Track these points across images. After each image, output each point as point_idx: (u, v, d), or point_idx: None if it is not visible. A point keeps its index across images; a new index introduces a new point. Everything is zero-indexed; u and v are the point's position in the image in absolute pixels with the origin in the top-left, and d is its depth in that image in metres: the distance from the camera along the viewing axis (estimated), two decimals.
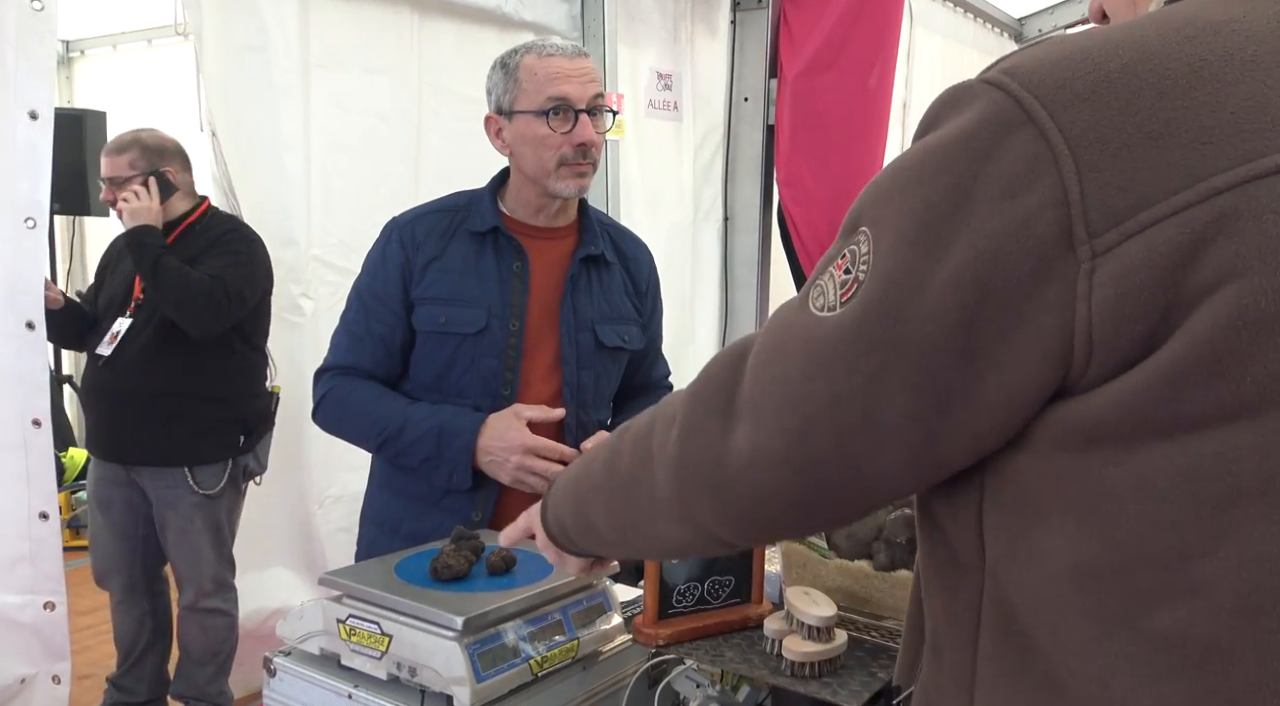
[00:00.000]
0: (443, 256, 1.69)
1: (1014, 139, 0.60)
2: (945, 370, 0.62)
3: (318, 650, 1.26)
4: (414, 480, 1.69)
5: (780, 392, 0.68)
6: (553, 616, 1.25)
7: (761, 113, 3.92)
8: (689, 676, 1.39)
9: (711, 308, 4.06)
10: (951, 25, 5.37)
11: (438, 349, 1.68)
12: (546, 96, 1.62)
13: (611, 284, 1.79)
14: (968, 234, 0.60)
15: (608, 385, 1.80)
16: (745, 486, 0.71)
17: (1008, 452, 0.64)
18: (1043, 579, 0.63)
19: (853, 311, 0.65)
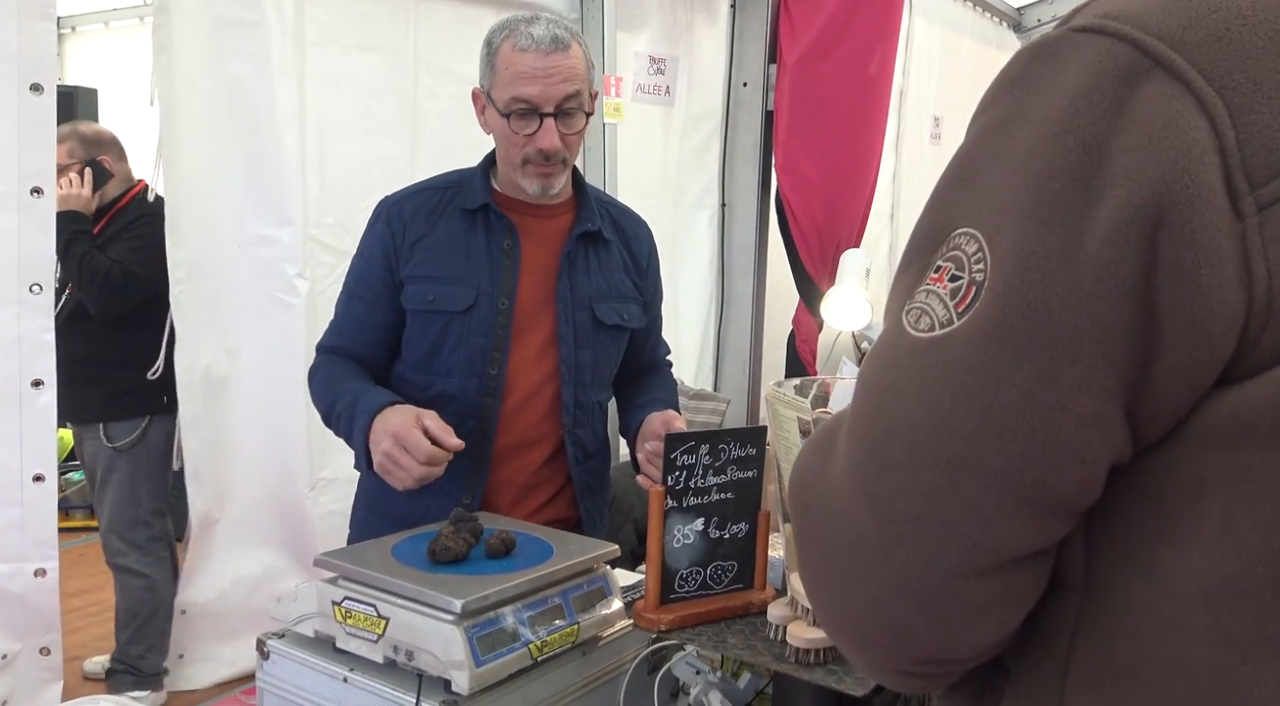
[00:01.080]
0: (431, 234, 1.65)
1: (1146, 86, 0.53)
2: (1116, 357, 0.53)
3: (312, 632, 1.24)
4: None
5: (902, 446, 0.56)
6: (552, 600, 1.23)
7: (760, 99, 3.89)
8: (689, 662, 1.37)
9: (699, 294, 4.02)
10: (950, 14, 5.33)
11: (426, 327, 1.64)
12: (511, 96, 1.56)
13: (610, 261, 1.74)
14: (1116, 193, 0.52)
15: (607, 365, 1.75)
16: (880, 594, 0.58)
17: (1138, 454, 0.57)
18: (1163, 598, 0.56)
19: (981, 317, 0.55)
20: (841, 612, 0.62)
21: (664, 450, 1.22)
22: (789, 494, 0.67)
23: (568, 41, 1.57)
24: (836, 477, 0.60)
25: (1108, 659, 0.59)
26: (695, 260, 3.96)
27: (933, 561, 0.56)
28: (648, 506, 2.64)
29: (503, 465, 1.65)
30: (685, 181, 3.88)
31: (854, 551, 0.59)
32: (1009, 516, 0.55)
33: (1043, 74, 0.57)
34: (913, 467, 0.56)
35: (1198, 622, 0.55)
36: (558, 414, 1.67)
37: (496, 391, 1.63)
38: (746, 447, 1.27)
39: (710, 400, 3.49)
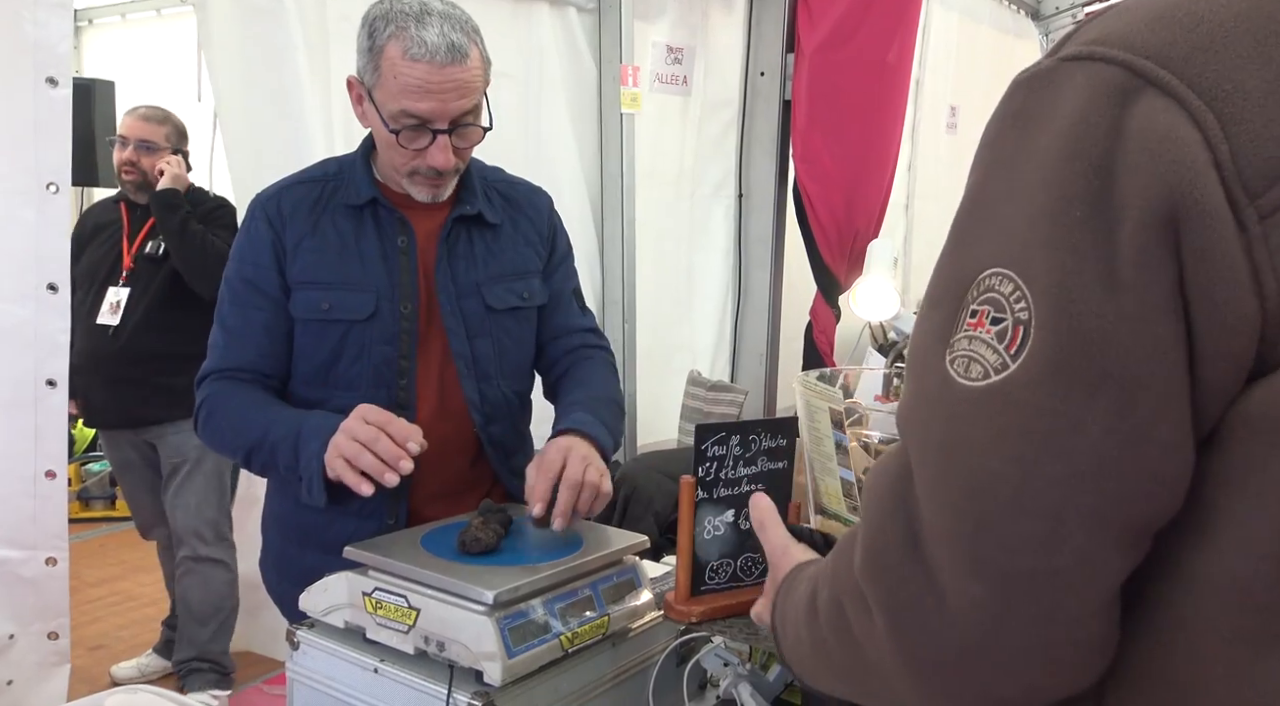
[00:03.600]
0: (315, 233, 1.51)
1: (1139, 103, 0.54)
2: (1179, 376, 0.53)
3: (342, 623, 1.24)
4: None
5: (993, 502, 0.55)
6: (583, 592, 1.23)
7: (778, 88, 3.87)
8: (718, 654, 1.36)
9: (714, 283, 4.02)
10: (968, 2, 5.30)
11: (320, 338, 1.50)
12: (400, 109, 1.40)
13: (498, 242, 1.60)
14: (1132, 214, 0.53)
15: (515, 351, 1.61)
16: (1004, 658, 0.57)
17: None
18: (1182, 595, 0.57)
19: (1038, 355, 0.54)
20: (958, 685, 0.61)
21: (694, 441, 1.21)
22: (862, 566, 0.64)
23: (465, 48, 1.40)
24: (926, 547, 0.58)
25: (1140, 661, 0.59)
26: (712, 250, 3.95)
27: (1056, 612, 0.56)
28: (670, 499, 2.63)
29: (427, 478, 1.48)
30: (702, 172, 3.87)
31: (968, 620, 0.57)
32: (1113, 551, 0.55)
33: (1040, 105, 0.58)
34: (1012, 523, 0.55)
35: (1214, 620, 0.55)
36: (468, 414, 1.56)
37: (409, 402, 1.51)
38: (777, 438, 1.26)
39: (728, 391, 3.48)
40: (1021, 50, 5.97)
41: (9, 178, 2.14)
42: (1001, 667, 0.58)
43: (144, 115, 2.95)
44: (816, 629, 0.72)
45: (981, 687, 0.60)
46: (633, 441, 3.59)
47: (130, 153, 2.89)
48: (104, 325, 2.83)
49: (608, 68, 3.48)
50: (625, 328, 3.50)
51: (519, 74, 3.12)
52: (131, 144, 2.89)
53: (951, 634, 0.58)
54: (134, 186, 2.93)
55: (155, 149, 2.88)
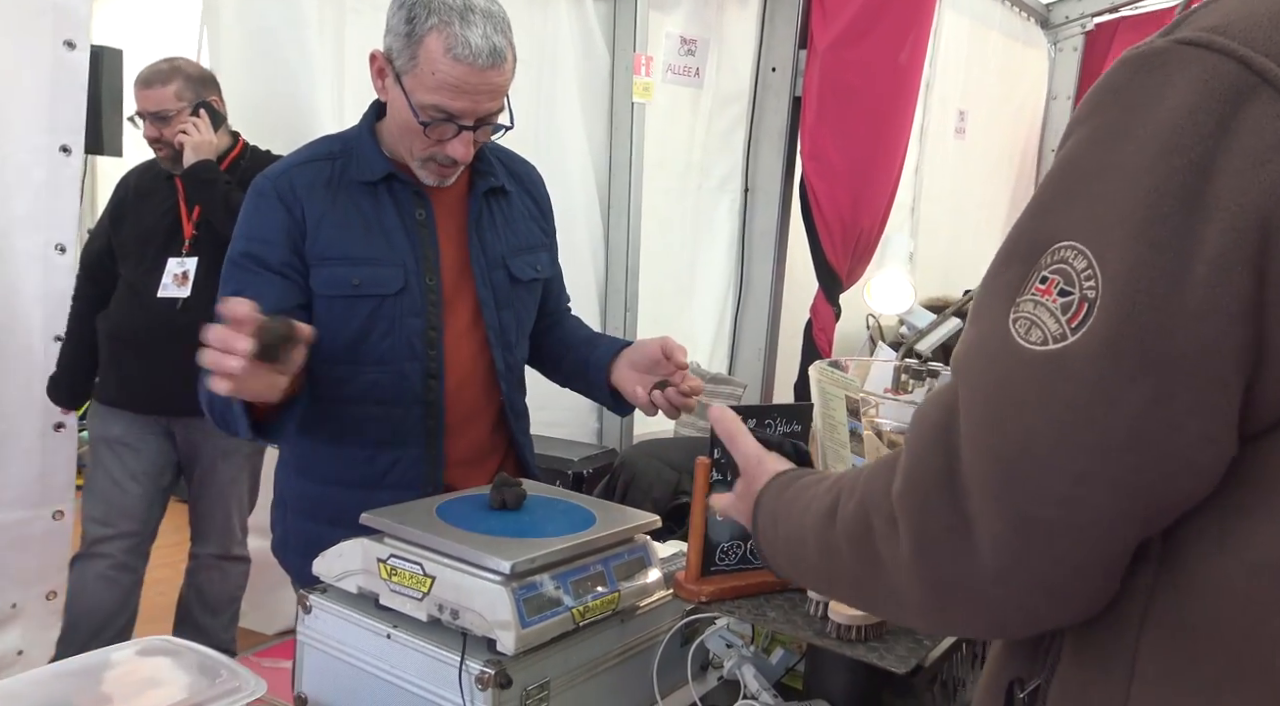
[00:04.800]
0: (334, 211, 1.51)
1: (1253, 105, 0.55)
2: (1224, 377, 0.56)
3: (355, 589, 1.25)
4: (346, 461, 1.57)
5: (1029, 458, 0.59)
6: (595, 567, 1.24)
7: (789, 84, 3.89)
8: (722, 636, 1.38)
9: (716, 276, 4.03)
10: (980, 8, 5.32)
11: (349, 314, 1.51)
12: (432, 103, 1.42)
13: (513, 213, 1.65)
14: (1222, 216, 0.54)
15: (528, 321, 1.69)
16: (1015, 589, 0.62)
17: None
18: (1239, 569, 0.60)
19: (1097, 334, 0.57)
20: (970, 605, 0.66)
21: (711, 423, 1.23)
22: (901, 492, 0.68)
23: (504, 52, 1.43)
24: (961, 481, 0.63)
25: (1183, 626, 0.62)
26: (715, 244, 3.96)
27: (1065, 561, 0.60)
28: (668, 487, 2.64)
29: (453, 445, 1.59)
30: (710, 165, 3.88)
31: (981, 553, 0.62)
32: (1127, 520, 0.59)
33: (1148, 87, 0.58)
34: (1042, 478, 0.59)
35: (1266, 593, 0.59)
36: (494, 381, 1.62)
37: (439, 372, 1.56)
38: (793, 423, 1.27)
39: (727, 384, 3.50)
40: (1030, 58, 5.99)
41: (25, 137, 2.14)
42: (1009, 597, 0.63)
43: (146, 79, 2.56)
44: (830, 534, 0.76)
45: (987, 611, 0.65)
46: (630, 430, 3.61)
47: (149, 128, 2.55)
48: (169, 298, 2.51)
49: (621, 56, 3.49)
50: (627, 316, 3.51)
51: (533, 60, 3.12)
52: (147, 118, 2.56)
53: (971, 562, 0.63)
54: (171, 161, 2.58)
55: (168, 116, 2.53)
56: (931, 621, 0.71)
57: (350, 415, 1.57)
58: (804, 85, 3.79)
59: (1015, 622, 0.66)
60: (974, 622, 0.68)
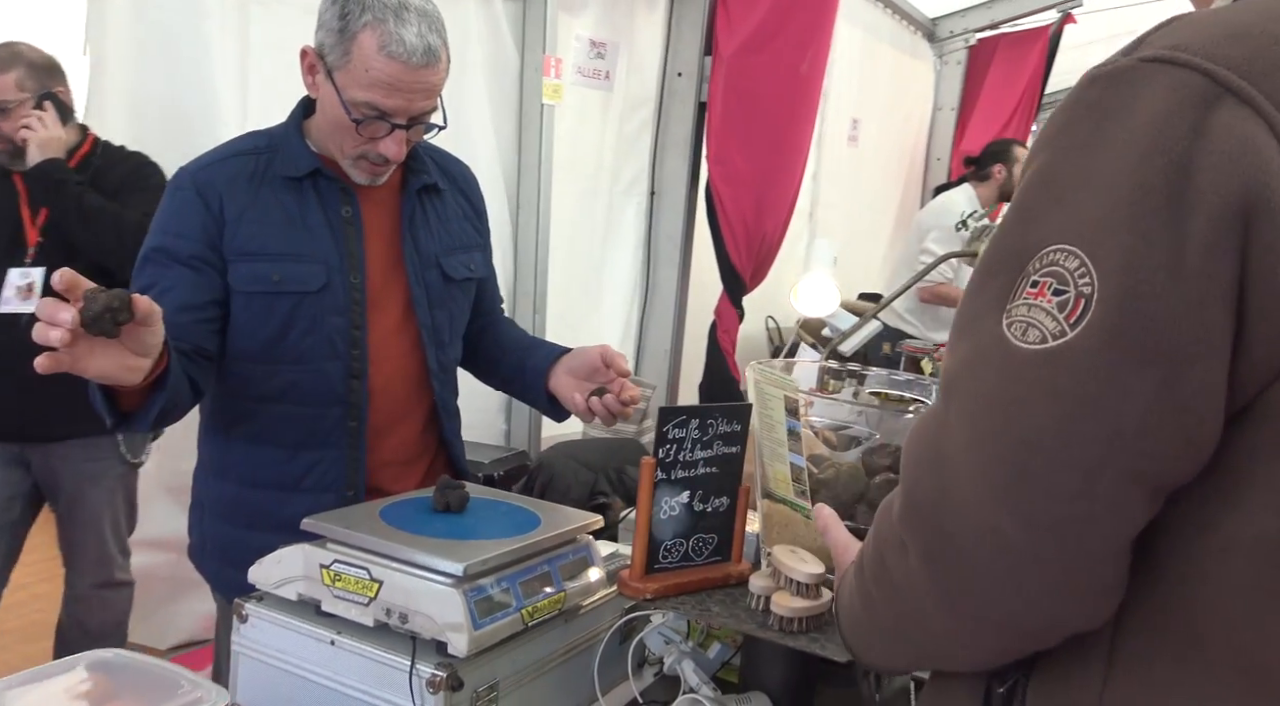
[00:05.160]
0: (256, 206, 1.48)
1: (1220, 111, 0.59)
2: (1222, 357, 0.59)
3: (295, 596, 1.22)
4: (263, 463, 1.53)
5: (1038, 456, 0.61)
6: (541, 568, 1.25)
7: (694, 89, 3.94)
8: (660, 633, 1.41)
9: (623, 279, 4.07)
10: (871, 19, 5.51)
11: (268, 311, 1.47)
12: (365, 100, 1.41)
13: (447, 212, 1.64)
14: (1205, 207, 0.58)
15: (461, 321, 1.68)
16: (1031, 592, 0.64)
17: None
18: (1207, 553, 0.63)
19: (1099, 326, 0.60)
20: (989, 613, 0.68)
21: (657, 423, 1.25)
22: (902, 514, 0.71)
23: (438, 51, 1.43)
24: (962, 491, 0.65)
25: (1156, 611, 0.66)
26: (623, 246, 4.00)
27: (1078, 554, 0.63)
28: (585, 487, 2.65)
29: (379, 446, 1.56)
30: (619, 168, 3.91)
31: (1001, 559, 0.64)
32: (1136, 504, 0.62)
33: (1119, 100, 0.63)
34: (1052, 474, 0.61)
35: (1239, 572, 0.62)
36: (425, 381, 1.61)
37: (362, 372, 1.52)
38: (732, 423, 1.31)
39: (638, 385, 3.52)
40: (918, 69, 6.22)
41: None
42: (1028, 600, 0.65)
43: None
44: (863, 585, 0.78)
45: (1010, 618, 0.67)
46: (538, 431, 3.60)
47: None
48: (10, 314, 2.25)
49: (530, 57, 3.48)
50: (535, 318, 3.51)
51: None
52: None
53: (984, 569, 0.65)
54: (9, 157, 2.32)
55: (7, 108, 2.25)
56: (958, 643, 0.72)
57: (268, 415, 1.53)
58: (709, 91, 3.86)
59: (1034, 632, 0.68)
60: (994, 638, 0.69)
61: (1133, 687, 0.67)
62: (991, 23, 6.25)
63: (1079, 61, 7.13)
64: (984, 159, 4.54)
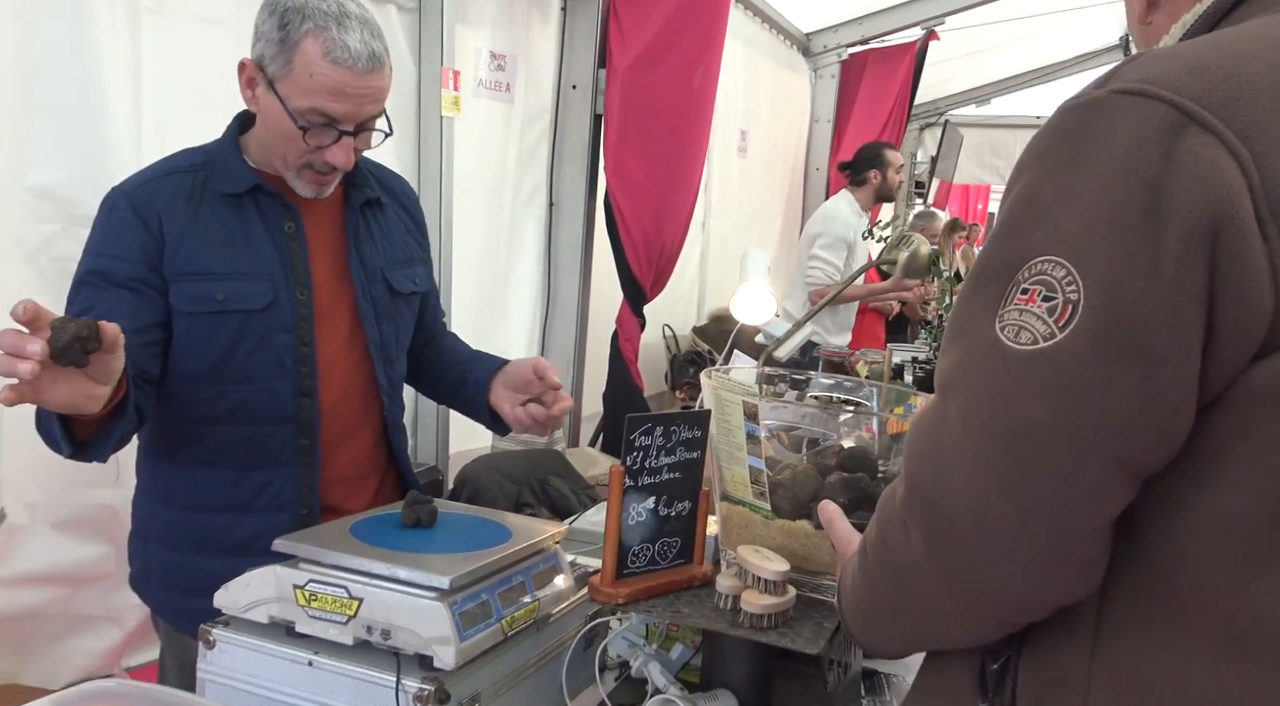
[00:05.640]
0: (198, 224, 1.46)
1: (1187, 138, 0.67)
2: (1193, 354, 0.67)
3: (266, 618, 1.20)
4: (213, 486, 1.50)
5: (1031, 445, 0.68)
6: (516, 578, 1.27)
7: (590, 102, 3.99)
8: (625, 637, 1.44)
9: (528, 290, 4.07)
10: (751, 34, 5.66)
11: (214, 331, 1.45)
12: (311, 107, 1.41)
13: (390, 226, 1.65)
14: (1176, 223, 0.66)
15: (407, 335, 1.68)
16: (1022, 568, 0.71)
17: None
18: (1185, 530, 0.71)
19: (1085, 328, 0.67)
20: (986, 586, 0.75)
21: (624, 431, 1.28)
22: (905, 499, 0.77)
23: (382, 57, 1.44)
24: (961, 477, 0.72)
25: (1139, 584, 0.74)
26: (527, 257, 4.00)
27: (1065, 532, 0.70)
28: (510, 500, 2.65)
29: (331, 463, 1.56)
30: (522, 179, 3.92)
31: (995, 537, 0.71)
32: (1118, 487, 0.70)
33: (1095, 127, 0.71)
34: (1044, 461, 0.68)
35: (1218, 547, 0.70)
36: (375, 396, 1.61)
37: (312, 389, 1.51)
38: (694, 429, 1.35)
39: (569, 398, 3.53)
40: (795, 82, 6.42)
41: None
42: (1019, 574, 0.73)
43: None
44: (866, 568, 0.85)
45: (1003, 592, 0.74)
46: (445, 446, 3.57)
47: None
48: None
49: (427, 69, 3.45)
50: None
51: None
52: None
53: (980, 546, 0.72)
54: None
55: None
56: (955, 620, 0.79)
57: (217, 436, 1.50)
58: (605, 103, 3.91)
59: (1027, 604, 0.75)
60: (991, 610, 0.77)
61: (1120, 655, 0.74)
62: (862, 38, 6.52)
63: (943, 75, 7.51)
64: (858, 164, 4.73)
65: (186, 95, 2.64)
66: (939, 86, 8.02)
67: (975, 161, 9.70)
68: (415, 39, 3.44)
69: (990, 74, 8.37)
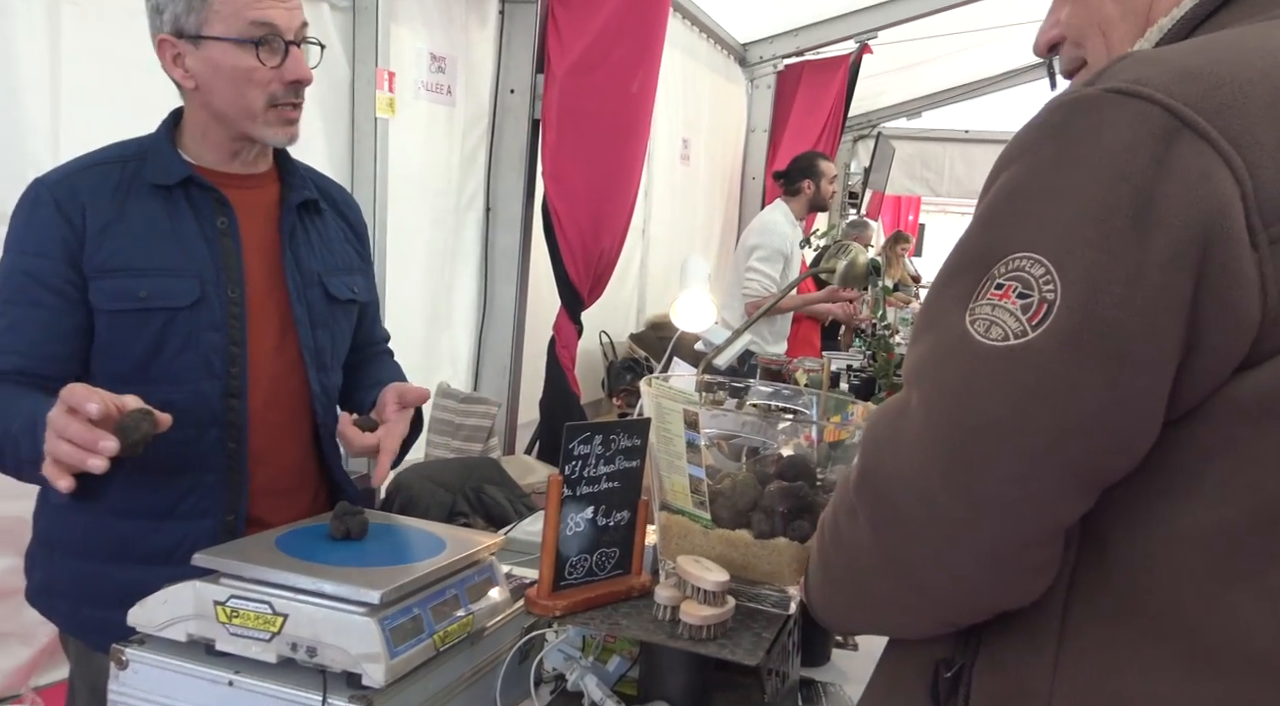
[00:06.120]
0: (123, 218, 1.40)
1: (1180, 144, 0.65)
2: (1168, 364, 0.65)
3: (184, 636, 1.15)
4: (132, 490, 1.43)
5: (989, 440, 0.66)
6: (450, 591, 1.23)
7: (528, 106, 3.95)
8: (561, 650, 1.41)
9: (469, 298, 4.03)
10: (690, 43, 5.68)
11: (137, 330, 1.40)
12: (250, 21, 1.37)
13: (329, 232, 1.60)
14: (1165, 230, 0.64)
15: (343, 344, 1.62)
16: (965, 565, 0.69)
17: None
18: (1160, 543, 0.69)
19: (1059, 329, 0.65)
20: (925, 579, 0.73)
21: (563, 440, 1.25)
22: (856, 483, 0.75)
23: None
24: (913, 467, 0.70)
25: (1107, 597, 0.72)
26: (468, 263, 3.96)
27: (1011, 535, 0.68)
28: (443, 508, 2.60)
29: (260, 472, 1.50)
30: (463, 184, 3.87)
31: (938, 530, 0.70)
32: (1071, 493, 0.68)
33: (1085, 126, 0.69)
34: (1000, 457, 0.67)
35: (1192, 561, 0.69)
36: (306, 405, 1.55)
37: (241, 391, 1.46)
38: (633, 438, 1.33)
39: (481, 403, 3.49)
40: (733, 92, 6.46)
41: None
42: (958, 570, 0.71)
43: None
44: (823, 548, 0.84)
45: (941, 586, 0.72)
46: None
47: None
48: None
49: (361, 70, 3.39)
50: None
51: None
52: None
53: (923, 538, 0.70)
54: None
55: None
56: (898, 607, 0.78)
57: None
58: (544, 109, 3.87)
59: (963, 603, 0.74)
60: (928, 604, 0.75)
61: (1085, 667, 0.72)
62: (797, 50, 6.59)
63: (876, 88, 7.62)
64: (792, 174, 4.75)
65: (108, 90, 2.55)
66: (872, 99, 8.15)
67: (906, 173, 9.88)
68: (349, 39, 3.37)
69: (921, 88, 8.53)
